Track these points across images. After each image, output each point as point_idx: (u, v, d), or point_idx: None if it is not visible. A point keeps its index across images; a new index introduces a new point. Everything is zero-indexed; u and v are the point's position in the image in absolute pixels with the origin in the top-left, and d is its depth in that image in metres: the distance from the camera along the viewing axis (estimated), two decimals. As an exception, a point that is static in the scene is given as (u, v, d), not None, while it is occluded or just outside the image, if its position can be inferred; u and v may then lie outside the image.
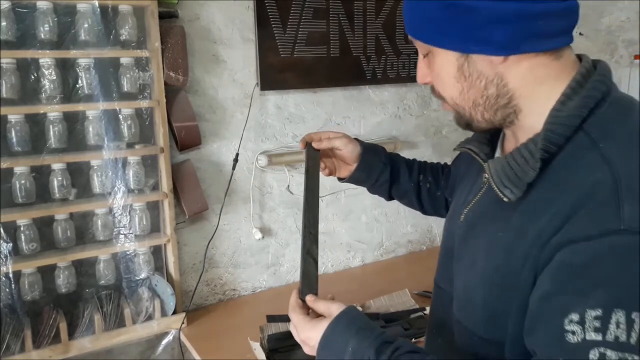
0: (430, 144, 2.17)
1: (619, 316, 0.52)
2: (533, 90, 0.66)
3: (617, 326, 0.52)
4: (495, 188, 0.67)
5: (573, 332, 0.53)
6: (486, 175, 0.75)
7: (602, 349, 0.52)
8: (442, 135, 2.18)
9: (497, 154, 0.79)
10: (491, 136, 0.80)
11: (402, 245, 2.18)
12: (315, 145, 1.03)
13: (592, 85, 0.64)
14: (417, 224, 2.20)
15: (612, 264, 0.54)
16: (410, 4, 0.71)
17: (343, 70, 1.88)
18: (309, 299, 0.78)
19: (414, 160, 1.13)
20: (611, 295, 0.53)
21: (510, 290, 0.64)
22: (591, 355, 0.52)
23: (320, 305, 0.77)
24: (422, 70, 0.75)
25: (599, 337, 0.52)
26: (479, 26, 0.63)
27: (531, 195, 0.64)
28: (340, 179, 1.12)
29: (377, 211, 2.10)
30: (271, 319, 1.52)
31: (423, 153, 2.15)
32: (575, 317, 0.54)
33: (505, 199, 0.66)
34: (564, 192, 0.60)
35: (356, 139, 1.07)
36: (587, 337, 0.53)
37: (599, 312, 0.52)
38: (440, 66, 0.70)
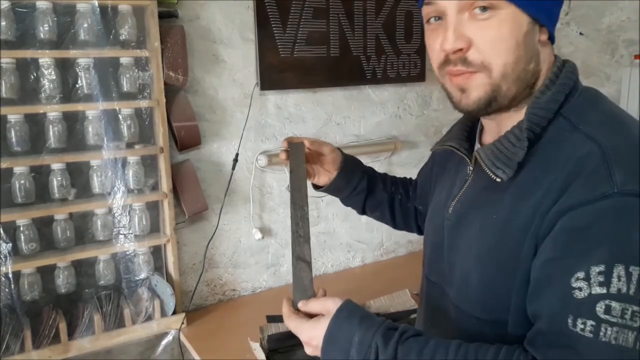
0: (430, 144, 2.16)
1: (619, 270, 0.57)
2: (544, 74, 0.72)
3: (619, 279, 0.57)
4: (488, 171, 0.71)
5: (580, 289, 0.58)
6: (470, 168, 0.80)
7: (607, 301, 0.56)
8: (442, 135, 2.17)
9: (477, 147, 0.83)
10: (468, 133, 0.85)
11: (402, 245, 2.18)
12: (307, 143, 1.02)
13: (564, 75, 0.71)
14: (417, 224, 2.20)
15: (609, 223, 0.59)
16: None
17: (343, 70, 1.87)
18: (300, 305, 0.77)
19: (385, 173, 1.16)
20: (611, 251, 0.58)
21: (510, 266, 0.68)
22: (597, 308, 0.57)
23: (313, 306, 0.76)
24: (456, 32, 0.67)
25: (604, 290, 0.57)
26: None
27: (520, 176, 0.69)
28: (316, 187, 1.10)
29: (377, 211, 2.10)
30: (271, 319, 1.52)
31: (423, 153, 2.15)
32: (581, 274, 0.58)
33: (497, 180, 0.70)
34: (554, 169, 0.65)
35: (338, 149, 1.09)
36: (593, 292, 0.57)
37: (601, 268, 0.57)
38: (510, 26, 0.66)
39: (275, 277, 1.89)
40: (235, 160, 1.72)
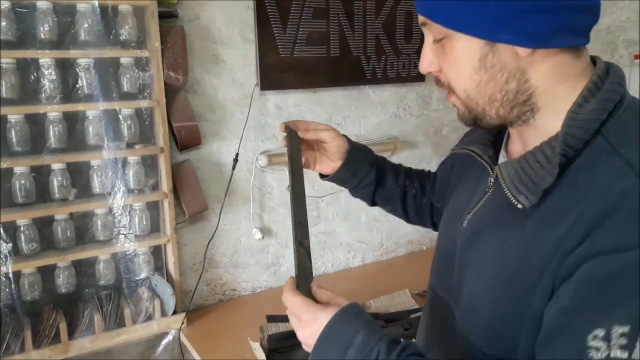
0: (430, 144, 2.17)
1: None
2: (555, 88, 0.64)
3: None
4: (509, 194, 0.64)
5: (597, 349, 0.51)
6: (492, 180, 0.73)
7: None
8: (442, 135, 2.18)
9: (502, 156, 0.75)
10: (494, 138, 0.77)
11: (402, 245, 2.18)
12: (300, 134, 0.96)
13: (609, 87, 0.62)
14: (417, 224, 2.20)
15: None
16: None
17: (343, 70, 1.88)
18: (315, 287, 0.73)
19: (400, 165, 1.09)
20: None
21: (523, 302, 0.61)
22: None
23: (325, 293, 0.72)
24: (428, 57, 0.68)
25: (624, 356, 0.49)
26: (515, 13, 0.59)
27: (547, 201, 0.61)
28: (322, 177, 1.05)
29: (377, 211, 2.10)
30: (271, 319, 1.52)
31: (423, 153, 2.15)
32: (600, 332, 0.51)
33: (519, 206, 0.62)
34: (585, 198, 0.57)
35: (344, 136, 1.01)
36: (612, 355, 0.50)
37: (626, 329, 0.50)
38: (460, 54, 0.64)
39: (275, 277, 1.89)
40: (236, 160, 1.72)
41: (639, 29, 1.81)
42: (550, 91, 0.64)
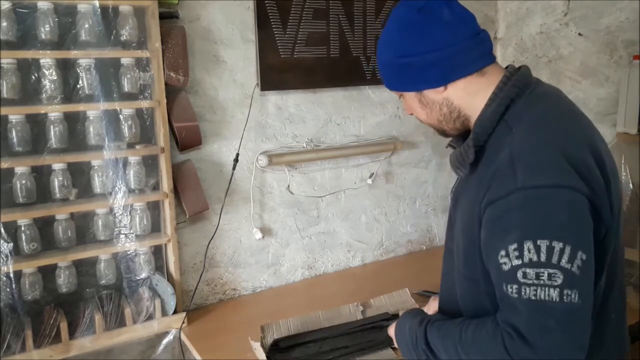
0: (430, 144, 2.17)
1: (528, 245, 0.77)
2: (470, 101, 0.94)
3: (529, 252, 0.77)
4: (453, 169, 0.98)
5: (504, 263, 0.79)
6: None
7: (523, 269, 0.77)
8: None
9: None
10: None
11: (402, 245, 2.19)
12: None
13: (507, 89, 0.90)
14: (416, 224, 2.21)
15: (516, 212, 0.79)
16: (381, 69, 1.01)
17: (343, 71, 1.88)
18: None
19: None
20: (521, 232, 0.78)
21: (473, 237, 0.89)
22: (518, 275, 0.77)
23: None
24: (405, 105, 1.05)
25: (520, 262, 0.77)
26: (419, 73, 0.93)
27: (477, 171, 0.91)
28: None
29: (377, 211, 2.10)
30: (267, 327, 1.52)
31: (423, 153, 2.16)
32: (503, 252, 0.79)
33: (460, 174, 0.97)
34: (492, 166, 0.86)
35: None
36: (513, 264, 0.78)
37: (515, 246, 0.78)
38: (410, 102, 1.01)
39: (276, 276, 1.90)
40: (236, 160, 1.72)
41: (639, 29, 1.81)
42: (469, 104, 0.94)
